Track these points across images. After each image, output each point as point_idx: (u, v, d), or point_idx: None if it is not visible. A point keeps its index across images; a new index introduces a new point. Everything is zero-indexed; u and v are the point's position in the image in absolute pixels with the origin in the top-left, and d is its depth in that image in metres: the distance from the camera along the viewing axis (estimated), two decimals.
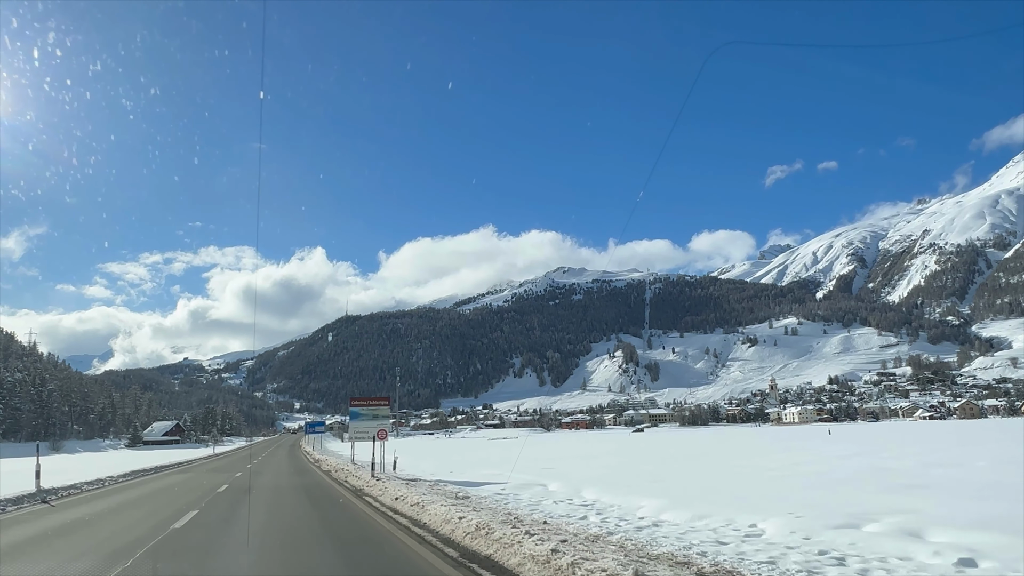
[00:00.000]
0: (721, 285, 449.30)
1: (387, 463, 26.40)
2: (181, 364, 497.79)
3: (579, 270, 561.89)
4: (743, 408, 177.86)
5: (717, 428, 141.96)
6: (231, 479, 25.07)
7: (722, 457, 32.42)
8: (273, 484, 22.67)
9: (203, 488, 21.07)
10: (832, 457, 28.51)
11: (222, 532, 11.23)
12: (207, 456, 47.64)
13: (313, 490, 20.31)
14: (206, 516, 13.26)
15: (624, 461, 31.44)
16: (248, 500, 16.53)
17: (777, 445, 44.77)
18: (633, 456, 36.24)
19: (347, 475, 24.78)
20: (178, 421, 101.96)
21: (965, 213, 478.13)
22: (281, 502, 16.16)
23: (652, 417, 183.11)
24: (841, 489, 15.15)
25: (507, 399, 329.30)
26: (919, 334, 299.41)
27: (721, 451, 39.23)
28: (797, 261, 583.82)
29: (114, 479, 25.98)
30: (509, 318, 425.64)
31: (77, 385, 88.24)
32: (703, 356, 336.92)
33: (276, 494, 18.78)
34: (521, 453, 40.21)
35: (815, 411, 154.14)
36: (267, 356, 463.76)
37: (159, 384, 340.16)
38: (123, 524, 12.49)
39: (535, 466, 27.70)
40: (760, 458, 30.06)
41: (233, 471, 29.74)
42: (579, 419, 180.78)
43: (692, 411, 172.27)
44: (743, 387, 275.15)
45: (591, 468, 26.36)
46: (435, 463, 33.01)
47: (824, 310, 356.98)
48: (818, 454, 31.56)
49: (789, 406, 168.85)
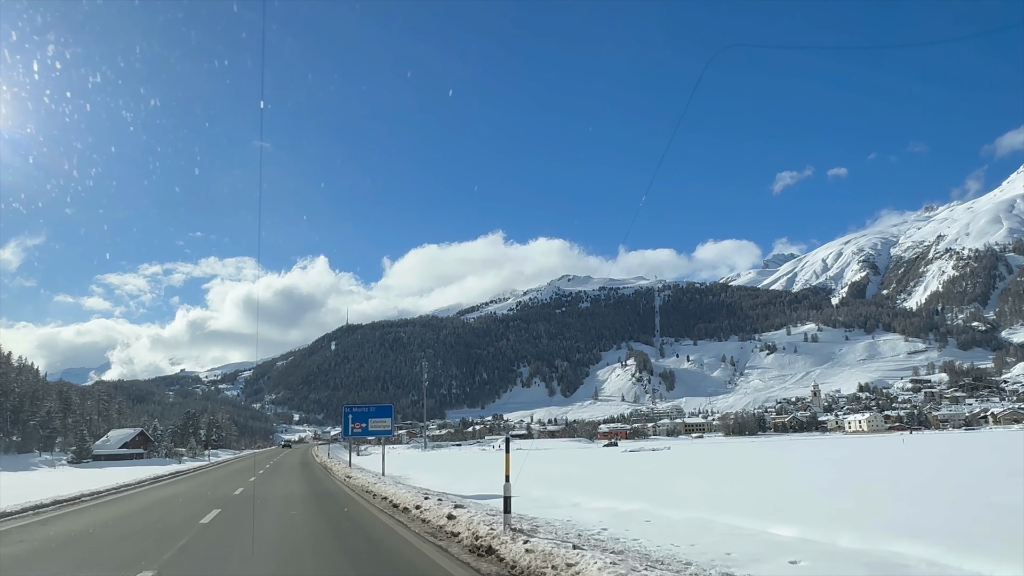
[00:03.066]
0: (732, 292, 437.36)
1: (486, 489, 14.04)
2: (178, 376, 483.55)
3: (584, 278, 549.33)
4: (794, 416, 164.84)
5: (782, 438, 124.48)
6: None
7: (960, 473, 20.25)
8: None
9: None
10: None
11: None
12: (152, 480, 30.23)
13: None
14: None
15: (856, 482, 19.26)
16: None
17: (964, 460, 32.58)
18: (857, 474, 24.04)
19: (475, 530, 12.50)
20: (143, 429, 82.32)
21: (980, 218, 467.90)
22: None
23: (691, 427, 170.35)
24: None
25: (516, 409, 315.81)
26: (947, 340, 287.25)
27: (926, 466, 27.05)
28: (806, 268, 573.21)
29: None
30: (515, 326, 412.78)
31: (30, 387, 72.86)
32: (720, 364, 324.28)
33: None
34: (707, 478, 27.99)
35: (884, 418, 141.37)
36: (266, 367, 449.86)
37: (153, 395, 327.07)
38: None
39: (734, 496, 15.52)
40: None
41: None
42: (617, 428, 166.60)
43: (738, 420, 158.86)
44: (766, 395, 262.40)
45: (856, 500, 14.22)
46: (567, 491, 20.67)
47: (844, 316, 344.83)
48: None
49: (852, 414, 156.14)
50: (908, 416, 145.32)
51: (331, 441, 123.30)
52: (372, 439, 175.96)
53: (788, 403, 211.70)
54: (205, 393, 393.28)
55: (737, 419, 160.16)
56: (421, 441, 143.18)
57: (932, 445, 52.65)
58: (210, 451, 77.51)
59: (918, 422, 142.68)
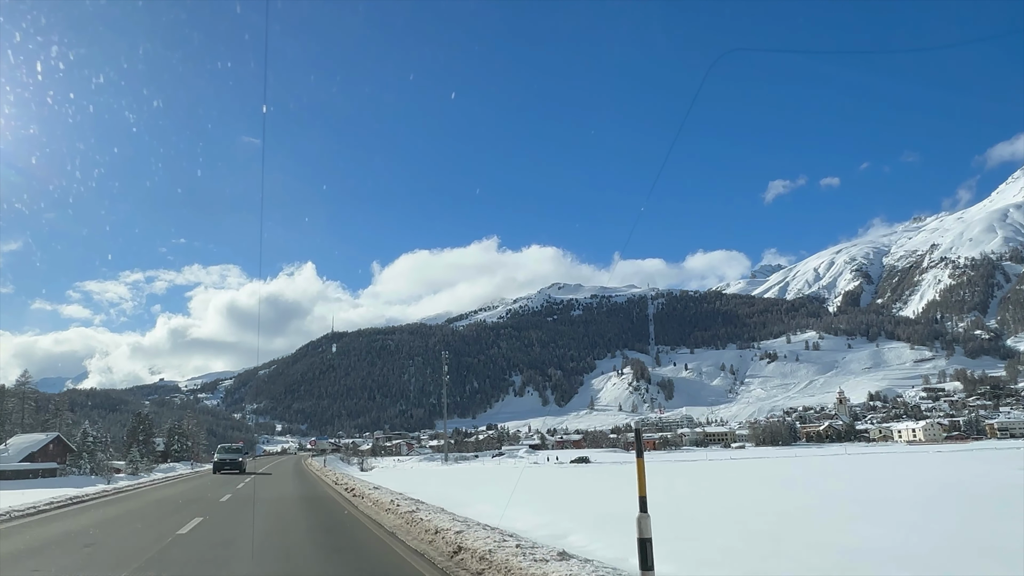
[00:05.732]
0: (728, 300, 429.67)
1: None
2: (156, 385, 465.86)
3: (575, 286, 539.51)
4: (830, 425, 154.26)
5: (832, 449, 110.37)
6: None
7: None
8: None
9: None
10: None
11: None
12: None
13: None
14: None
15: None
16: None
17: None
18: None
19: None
20: (58, 434, 61.20)
21: (974, 227, 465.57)
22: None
23: (712, 436, 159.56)
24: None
25: (509, 419, 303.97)
26: (954, 348, 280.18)
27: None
28: (798, 278, 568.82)
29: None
30: (506, 334, 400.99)
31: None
32: (719, 373, 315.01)
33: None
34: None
35: (941, 427, 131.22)
36: (247, 376, 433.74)
37: (127, 404, 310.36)
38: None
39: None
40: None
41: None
42: (649, 438, 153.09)
43: (769, 429, 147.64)
44: (771, 405, 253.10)
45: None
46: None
47: (845, 324, 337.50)
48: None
49: (899, 421, 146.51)
50: (966, 424, 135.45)
51: (321, 452, 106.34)
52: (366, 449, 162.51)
53: (809, 411, 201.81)
54: (184, 402, 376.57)
55: (768, 428, 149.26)
56: (424, 452, 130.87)
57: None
58: (169, 464, 63.70)
59: (976, 431, 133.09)
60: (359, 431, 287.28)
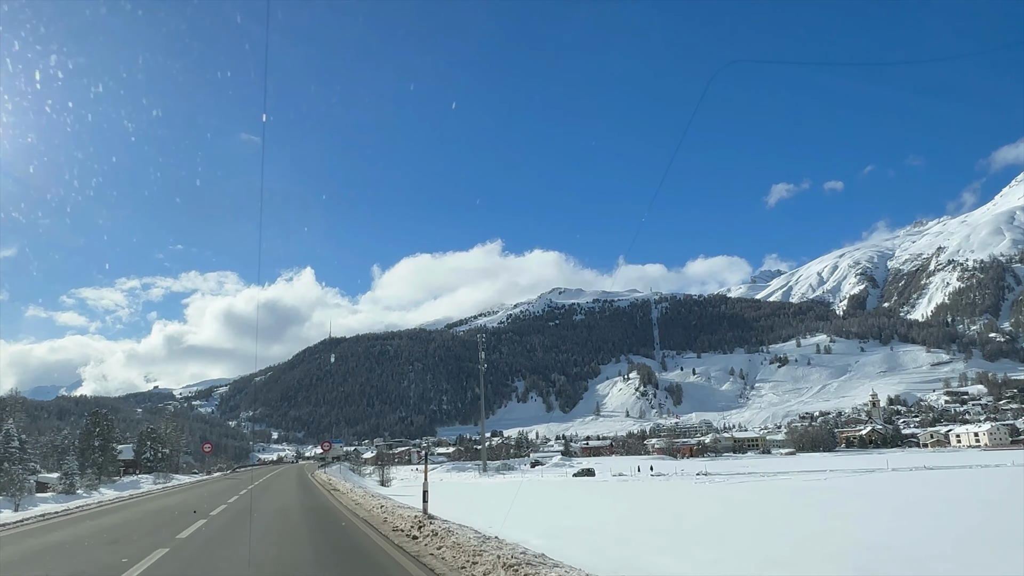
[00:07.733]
0: (733, 304, 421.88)
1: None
2: (151, 393, 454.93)
3: (576, 291, 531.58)
4: (874, 429, 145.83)
5: (899, 454, 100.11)
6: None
7: None
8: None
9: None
10: None
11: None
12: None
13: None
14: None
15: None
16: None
17: None
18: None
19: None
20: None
21: (981, 230, 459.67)
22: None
23: (742, 443, 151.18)
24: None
25: (512, 426, 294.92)
26: (971, 351, 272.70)
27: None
28: (801, 282, 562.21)
29: None
30: (507, 339, 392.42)
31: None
32: (728, 377, 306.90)
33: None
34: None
35: (1008, 430, 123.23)
36: (242, 382, 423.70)
37: (119, 412, 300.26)
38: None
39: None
40: None
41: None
42: (678, 444, 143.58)
43: (810, 433, 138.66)
44: (785, 410, 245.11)
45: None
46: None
47: (856, 327, 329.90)
48: None
49: (958, 424, 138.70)
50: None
51: (334, 460, 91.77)
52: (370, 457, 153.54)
53: (840, 415, 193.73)
54: (177, 410, 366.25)
55: (807, 433, 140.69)
56: (438, 460, 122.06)
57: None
58: (134, 477, 53.28)
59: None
60: (358, 439, 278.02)
